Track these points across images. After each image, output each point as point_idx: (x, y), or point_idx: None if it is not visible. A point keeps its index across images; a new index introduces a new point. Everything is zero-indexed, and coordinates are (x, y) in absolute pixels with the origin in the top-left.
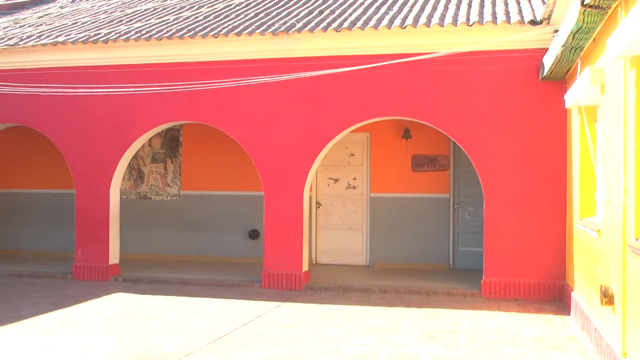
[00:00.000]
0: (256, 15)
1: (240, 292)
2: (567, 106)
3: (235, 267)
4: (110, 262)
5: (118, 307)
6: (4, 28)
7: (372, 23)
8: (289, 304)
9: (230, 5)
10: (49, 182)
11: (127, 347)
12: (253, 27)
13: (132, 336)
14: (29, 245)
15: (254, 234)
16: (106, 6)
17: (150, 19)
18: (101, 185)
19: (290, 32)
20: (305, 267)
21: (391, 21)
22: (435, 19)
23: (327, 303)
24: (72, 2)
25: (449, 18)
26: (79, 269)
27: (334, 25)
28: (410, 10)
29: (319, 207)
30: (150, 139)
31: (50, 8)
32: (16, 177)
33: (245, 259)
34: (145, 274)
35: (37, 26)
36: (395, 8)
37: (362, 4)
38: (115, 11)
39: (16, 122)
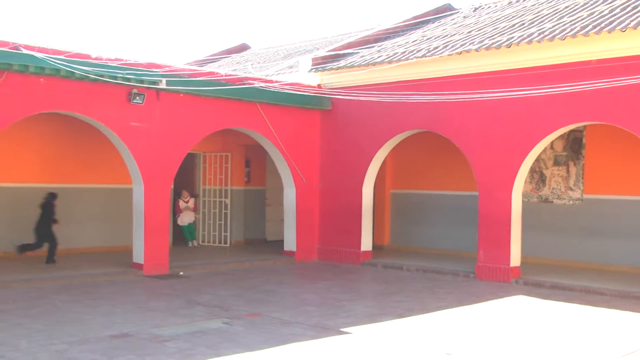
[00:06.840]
0: None
1: None
2: None
3: None
4: (511, 265)
5: (519, 310)
6: (413, 42)
7: None
8: None
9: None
10: (450, 184)
11: (526, 352)
12: None
13: (530, 341)
14: (432, 242)
15: None
16: (511, 9)
17: (546, 24)
18: (503, 188)
19: None
20: None
21: None
22: None
23: None
24: (473, 11)
25: None
26: (481, 269)
27: None
28: None
29: None
30: (552, 142)
31: (453, 19)
32: (420, 179)
33: None
34: (546, 278)
35: (442, 38)
36: None
37: None
38: (516, 17)
39: (425, 128)
